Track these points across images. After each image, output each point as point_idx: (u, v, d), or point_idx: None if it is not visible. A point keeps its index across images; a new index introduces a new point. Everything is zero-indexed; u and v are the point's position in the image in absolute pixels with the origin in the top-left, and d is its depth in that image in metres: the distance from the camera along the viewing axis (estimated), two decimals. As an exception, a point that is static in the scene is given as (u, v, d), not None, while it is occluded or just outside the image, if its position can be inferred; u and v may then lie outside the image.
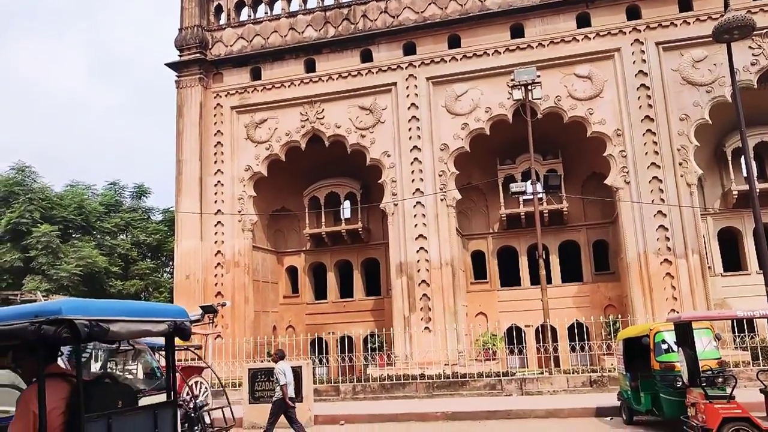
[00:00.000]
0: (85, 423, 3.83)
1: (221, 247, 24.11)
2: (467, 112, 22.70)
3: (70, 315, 3.77)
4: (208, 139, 24.96)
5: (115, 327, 4.08)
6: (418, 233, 22.37)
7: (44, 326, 3.69)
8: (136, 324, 4.36)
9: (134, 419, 4.39)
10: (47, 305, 4.02)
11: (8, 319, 3.91)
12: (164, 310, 4.81)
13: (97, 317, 3.96)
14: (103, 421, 3.99)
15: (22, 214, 27.99)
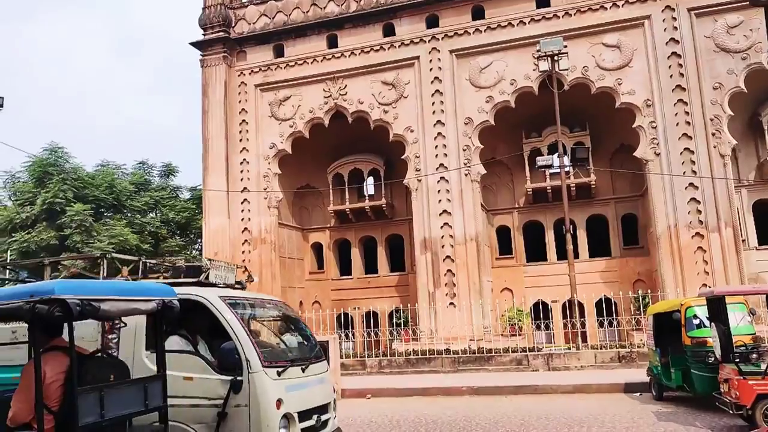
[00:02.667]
0: (78, 395, 4.07)
1: (248, 225, 24.36)
2: (492, 85, 22.31)
3: (62, 295, 3.98)
4: (233, 118, 25.06)
5: (105, 306, 4.30)
6: (442, 209, 22.24)
7: (38, 305, 3.93)
8: (125, 302, 4.63)
9: (125, 392, 4.65)
10: (41, 286, 4.27)
11: (5, 298, 4.16)
12: (153, 289, 5.09)
13: (88, 296, 4.18)
14: (95, 394, 4.23)
15: (57, 194, 28.60)
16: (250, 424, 5.28)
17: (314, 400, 5.98)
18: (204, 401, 5.43)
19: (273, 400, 5.39)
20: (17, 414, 4.20)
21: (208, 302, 5.84)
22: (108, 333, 5.61)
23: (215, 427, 5.30)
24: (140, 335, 5.79)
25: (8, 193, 31.70)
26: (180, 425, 5.38)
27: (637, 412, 10.10)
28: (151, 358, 5.65)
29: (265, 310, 6.80)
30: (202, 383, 5.50)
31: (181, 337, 5.85)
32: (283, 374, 5.63)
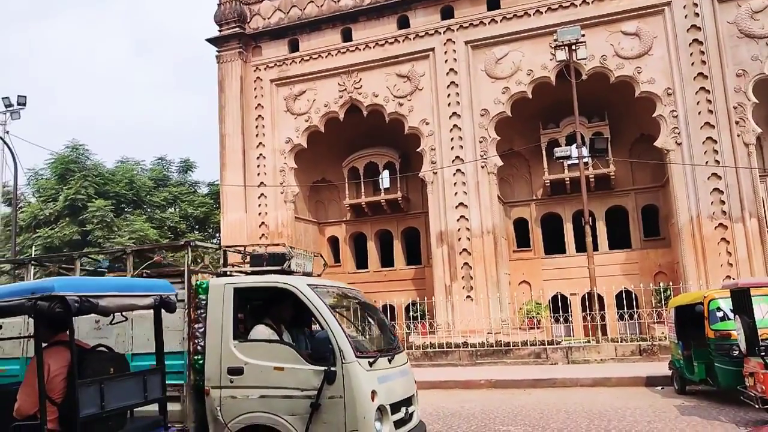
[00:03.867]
0: (79, 387, 4.20)
1: (265, 219, 24.45)
2: (508, 76, 22.06)
3: (61, 292, 4.10)
4: (249, 113, 25.14)
5: (103, 302, 4.42)
6: (459, 201, 22.08)
7: (39, 302, 4.07)
8: (123, 298, 4.74)
9: (125, 384, 4.77)
10: (42, 283, 4.37)
11: (7, 296, 4.30)
12: (151, 285, 5.19)
13: (86, 293, 4.29)
14: (95, 386, 4.36)
15: (78, 191, 29.01)
16: (345, 417, 5.17)
17: (401, 392, 5.85)
18: (296, 392, 5.33)
19: (368, 391, 5.26)
20: (23, 406, 4.35)
21: (297, 290, 5.72)
22: (193, 323, 5.68)
23: (308, 419, 5.21)
24: (227, 325, 5.72)
25: (32, 189, 32.22)
26: (272, 416, 5.34)
27: (659, 406, 9.93)
28: (239, 347, 5.62)
29: (346, 299, 6.68)
30: (293, 373, 5.38)
31: (267, 327, 5.78)
32: (374, 365, 5.49)
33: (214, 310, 5.78)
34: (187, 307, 5.81)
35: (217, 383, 5.63)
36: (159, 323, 5.20)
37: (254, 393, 5.45)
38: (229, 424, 5.48)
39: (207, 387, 5.66)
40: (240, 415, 5.43)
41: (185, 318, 5.77)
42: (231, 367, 5.59)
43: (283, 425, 5.29)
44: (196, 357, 5.75)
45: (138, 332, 5.93)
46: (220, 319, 5.74)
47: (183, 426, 5.60)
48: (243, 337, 5.72)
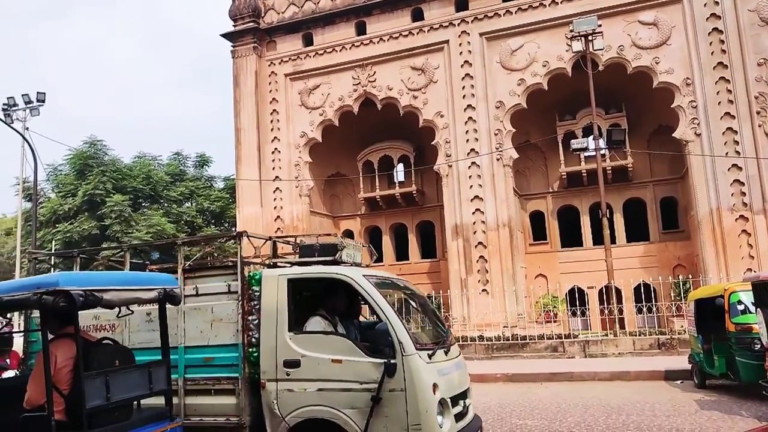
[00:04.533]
0: (85, 379, 4.28)
1: (280, 213, 24.55)
2: (523, 67, 21.87)
3: (66, 286, 4.17)
4: (264, 107, 25.21)
5: (107, 296, 4.48)
6: (474, 194, 21.98)
7: (44, 297, 4.13)
8: (127, 292, 4.79)
9: (130, 376, 4.84)
10: (47, 278, 4.45)
11: (14, 290, 4.39)
12: (154, 279, 5.26)
13: (91, 287, 4.36)
14: (101, 378, 4.44)
15: (97, 186, 29.38)
16: (407, 410, 5.00)
17: (458, 385, 5.69)
18: (356, 385, 5.16)
19: (429, 384, 5.09)
20: (31, 396, 4.45)
21: (353, 281, 5.55)
22: (247, 314, 5.62)
23: (369, 413, 5.05)
24: (282, 317, 5.60)
25: (51, 185, 32.67)
26: (331, 410, 5.21)
27: (679, 401, 9.81)
28: (295, 339, 5.49)
29: (398, 290, 6.47)
30: (352, 366, 5.22)
31: (322, 318, 5.65)
32: (432, 357, 5.33)
33: (268, 302, 5.68)
34: (241, 298, 5.72)
35: (273, 376, 5.51)
36: (164, 316, 5.26)
37: (312, 386, 5.33)
38: (286, 418, 5.37)
39: (263, 380, 5.54)
40: (297, 408, 5.33)
41: (239, 310, 5.69)
42: (287, 359, 5.47)
43: (342, 419, 5.15)
44: (250, 349, 5.65)
45: (190, 325, 5.89)
46: (274, 310, 5.63)
47: (239, 420, 5.52)
48: (298, 329, 5.58)
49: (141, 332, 6.05)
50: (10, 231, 37.57)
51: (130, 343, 5.99)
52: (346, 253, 6.12)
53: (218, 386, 5.71)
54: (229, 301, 5.77)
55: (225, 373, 5.67)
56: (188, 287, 5.98)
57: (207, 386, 5.75)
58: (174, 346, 5.69)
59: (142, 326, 6.06)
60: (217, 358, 5.74)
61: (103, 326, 6.14)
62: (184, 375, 5.83)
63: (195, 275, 6.07)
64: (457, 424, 5.42)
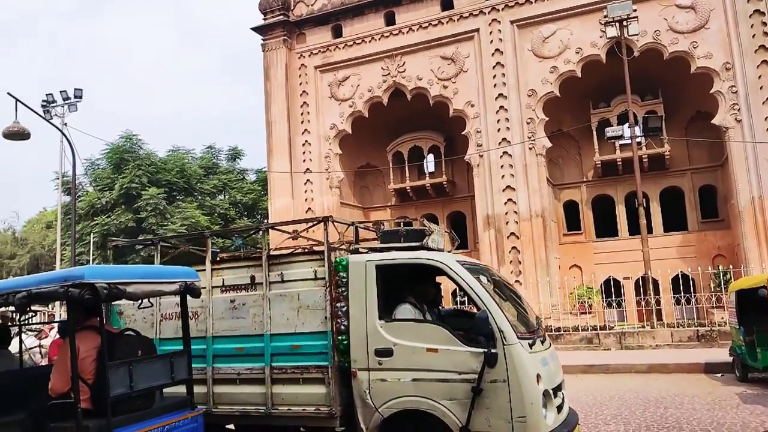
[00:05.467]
0: (109, 369, 4.44)
1: (311, 204, 24.69)
2: (556, 55, 21.47)
3: (91, 279, 4.36)
4: (295, 100, 25.33)
5: (131, 288, 4.64)
6: (506, 184, 21.73)
7: (71, 289, 4.32)
8: (150, 285, 4.94)
9: (152, 366, 5.00)
10: (73, 271, 4.63)
11: (43, 283, 4.58)
12: (176, 273, 5.34)
13: (115, 280, 4.53)
14: (124, 368, 4.60)
15: (133, 179, 30.05)
16: (510, 402, 4.79)
17: (556, 376, 5.52)
18: (454, 375, 4.97)
19: (533, 375, 4.90)
20: (55, 385, 4.63)
21: (447, 267, 5.36)
22: (335, 301, 5.49)
23: (470, 405, 4.85)
24: (371, 304, 5.41)
25: (89, 179, 33.49)
26: (428, 401, 5.03)
27: (719, 394, 9.57)
28: (386, 327, 5.31)
29: (488, 277, 6.23)
30: (449, 355, 5.03)
31: (412, 306, 5.49)
32: (533, 347, 5.15)
33: (356, 289, 5.51)
34: (329, 285, 5.57)
35: (364, 365, 5.34)
36: (185, 309, 5.37)
37: (406, 376, 5.15)
38: (380, 408, 5.21)
39: (354, 369, 5.38)
40: (392, 399, 5.17)
41: (327, 296, 5.54)
42: (379, 348, 5.29)
43: (441, 410, 4.97)
44: (339, 337, 5.48)
45: (276, 312, 5.79)
46: (363, 297, 5.46)
47: (329, 410, 5.38)
48: (388, 317, 5.39)
49: (225, 320, 6.02)
50: (51, 224, 38.72)
51: (213, 330, 6.00)
52: (431, 238, 5.92)
53: (307, 375, 5.57)
54: (316, 288, 5.65)
55: (314, 362, 5.54)
56: (273, 274, 5.88)
57: (295, 375, 5.63)
58: (260, 333, 5.73)
59: (226, 314, 6.02)
60: (304, 346, 5.62)
61: None
62: (270, 363, 5.72)
63: (279, 262, 5.95)
64: (558, 416, 5.19)
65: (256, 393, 5.73)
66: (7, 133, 17.87)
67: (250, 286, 5.94)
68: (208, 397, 5.86)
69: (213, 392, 5.89)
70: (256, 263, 6.00)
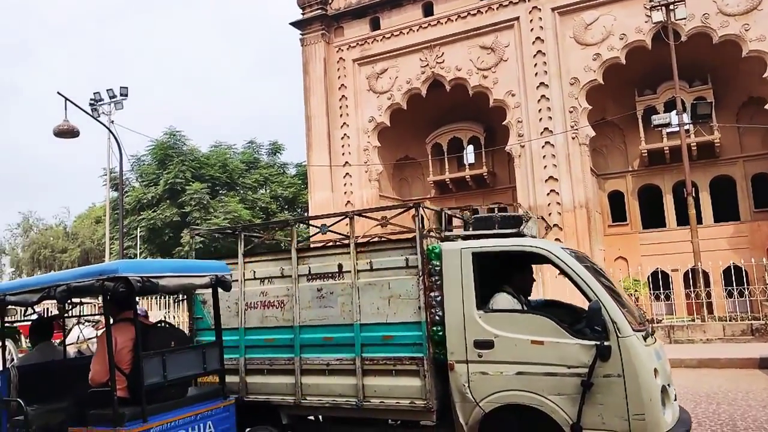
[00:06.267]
0: (143, 359, 4.63)
1: (350, 198, 24.78)
2: (599, 41, 20.92)
3: (125, 273, 4.52)
4: (333, 94, 25.42)
5: (163, 281, 4.79)
6: (548, 175, 21.35)
7: (106, 283, 4.50)
8: (181, 278, 5.07)
9: (185, 356, 5.16)
10: (108, 265, 4.83)
11: (81, 277, 4.77)
12: (207, 266, 5.46)
13: (148, 274, 4.69)
14: (158, 358, 4.77)
15: (177, 175, 30.77)
16: (626, 398, 4.51)
17: (669, 371, 5.25)
18: (562, 369, 4.70)
19: (651, 369, 4.61)
20: (95, 375, 4.83)
21: (553, 255, 5.11)
22: (428, 291, 5.26)
23: (580, 400, 4.60)
24: (468, 294, 5.17)
25: (135, 175, 34.44)
26: (534, 395, 4.78)
27: (775, 390, 9.23)
28: (486, 318, 5.07)
29: (590, 266, 5.79)
30: (556, 348, 4.76)
31: (510, 295, 5.26)
32: (646, 340, 4.87)
33: (450, 278, 5.25)
34: (421, 274, 5.29)
35: (462, 357, 5.10)
36: (217, 302, 5.49)
37: (509, 369, 4.89)
38: (480, 403, 4.98)
39: (451, 361, 5.13)
40: (493, 393, 4.94)
41: (420, 285, 5.28)
42: (478, 339, 5.04)
43: (549, 406, 4.72)
44: (434, 328, 5.23)
45: (366, 301, 5.52)
46: (459, 287, 5.21)
47: (426, 403, 5.14)
48: (486, 307, 5.15)
49: (312, 309, 5.82)
50: (100, 219, 40.02)
51: (300, 320, 5.84)
52: (527, 225, 5.64)
53: (400, 366, 5.31)
54: (408, 277, 5.36)
55: (407, 353, 5.29)
56: (361, 262, 5.63)
57: (387, 366, 5.37)
58: (349, 322, 5.57)
59: (313, 303, 5.81)
60: (397, 337, 5.37)
61: (272, 303, 6.01)
62: (361, 354, 5.48)
63: (368, 249, 5.71)
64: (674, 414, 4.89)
65: (347, 384, 5.53)
66: (58, 131, 18.54)
67: (337, 275, 5.73)
68: (296, 389, 5.73)
69: (301, 383, 5.72)
70: (344, 251, 5.78)
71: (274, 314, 5.97)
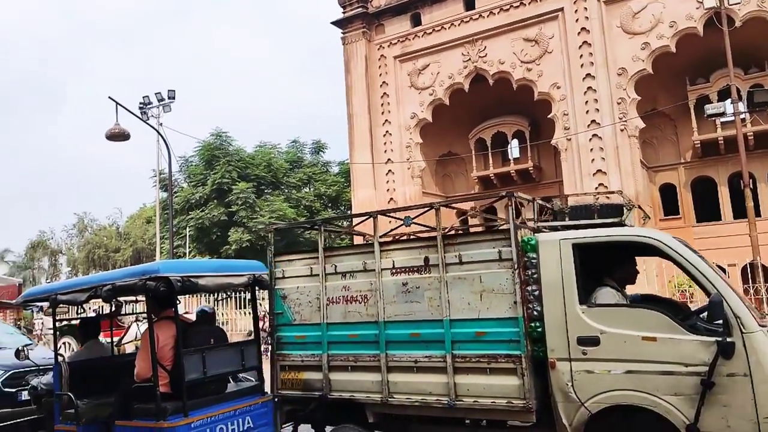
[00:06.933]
0: (184, 356, 4.84)
1: (393, 195, 24.75)
2: (647, 30, 20.22)
3: (166, 273, 4.76)
4: (375, 91, 25.43)
5: (202, 281, 5.00)
6: (596, 168, 20.77)
7: (148, 282, 4.73)
8: (220, 278, 5.28)
9: (224, 353, 5.37)
10: (150, 266, 5.14)
11: (125, 277, 5.03)
12: (245, 266, 5.68)
13: (187, 273, 4.90)
14: (198, 355, 4.97)
15: (223, 175, 31.43)
16: (755, 400, 4.19)
17: None
18: (679, 368, 4.41)
19: None
20: (140, 371, 5.05)
21: (665, 246, 4.79)
22: (525, 285, 5.00)
23: (698, 401, 4.33)
24: (569, 288, 4.90)
25: (183, 176, 35.36)
26: (647, 396, 4.51)
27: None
28: (589, 313, 4.79)
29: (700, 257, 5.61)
30: (671, 345, 4.48)
31: (614, 290, 5.01)
32: None
33: (549, 271, 4.98)
34: (517, 266, 5.02)
35: (564, 355, 4.84)
36: (254, 300, 5.73)
37: (617, 367, 4.62)
38: (586, 403, 4.70)
39: (552, 359, 4.88)
40: (600, 393, 4.69)
41: (515, 279, 5.00)
42: (582, 336, 4.76)
43: (663, 407, 4.44)
44: (532, 324, 4.97)
45: (455, 296, 5.26)
46: (558, 280, 4.94)
47: (525, 403, 4.87)
48: (589, 302, 4.89)
49: (398, 304, 5.54)
50: (150, 219, 41.27)
51: (385, 315, 5.56)
52: (629, 215, 5.35)
53: (495, 365, 5.05)
54: (501, 270, 5.08)
55: (503, 350, 5.02)
56: (449, 255, 5.35)
57: (481, 364, 5.12)
58: (437, 318, 5.30)
59: (398, 297, 5.54)
60: (490, 333, 5.09)
61: (354, 297, 5.79)
62: (451, 351, 5.20)
63: (457, 242, 5.41)
64: None
65: (437, 383, 5.28)
66: (110, 134, 19.15)
67: (423, 268, 5.46)
68: (382, 386, 5.49)
69: (388, 380, 5.48)
70: (430, 243, 5.50)
71: (357, 309, 5.75)
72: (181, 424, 4.66)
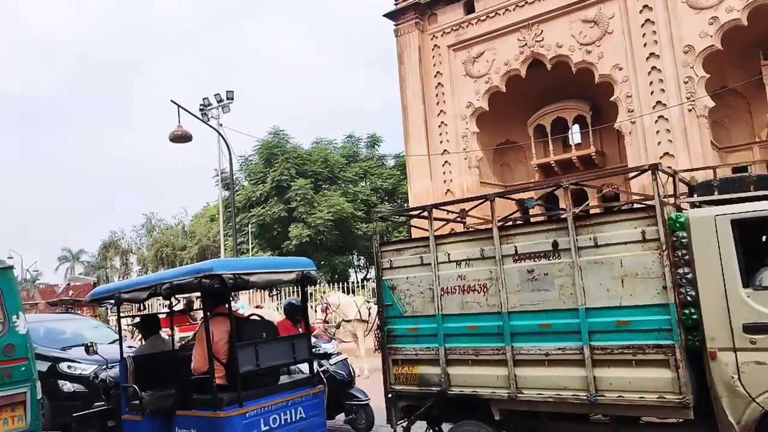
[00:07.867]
0: (238, 349, 5.08)
1: (450, 186, 24.48)
2: (715, 4, 19.07)
3: (219, 271, 4.99)
4: (429, 82, 25.21)
5: (253, 278, 5.25)
6: (663, 151, 19.82)
7: (203, 280, 4.99)
8: (270, 275, 5.48)
9: (276, 347, 5.61)
10: (204, 264, 5.30)
11: (182, 275, 5.32)
12: (294, 263, 5.93)
13: (239, 271, 5.12)
14: (251, 348, 5.21)
15: (282, 172, 32.09)
16: None
17: None
18: None
19: None
20: (197, 365, 5.29)
21: None
22: (674, 267, 4.65)
23: None
24: (730, 269, 4.50)
25: (244, 174, 36.27)
26: None
27: None
28: (755, 297, 4.38)
29: None
30: None
31: None
32: None
33: (704, 251, 4.56)
34: (666, 247, 4.60)
35: (727, 344, 4.44)
36: (304, 295, 6.01)
37: None
38: (757, 398, 4.31)
39: (712, 349, 4.50)
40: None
41: (664, 262, 4.59)
42: (748, 323, 4.35)
43: None
44: (685, 311, 4.59)
45: (591, 282, 4.90)
46: (716, 261, 4.52)
47: (681, 398, 4.51)
48: (756, 285, 4.46)
49: (523, 293, 5.24)
50: (214, 217, 42.56)
51: (509, 305, 5.29)
52: None
53: (642, 356, 4.67)
54: (645, 252, 4.69)
55: (650, 340, 4.64)
56: (582, 238, 4.98)
57: (625, 356, 4.75)
58: (571, 307, 4.99)
59: (523, 286, 5.24)
60: (635, 322, 4.71)
61: (472, 287, 5.52)
62: (589, 342, 4.88)
63: (590, 223, 5.02)
64: None
65: (573, 377, 4.95)
66: (173, 136, 19.84)
67: (551, 254, 5.10)
68: (509, 381, 5.21)
69: (515, 375, 5.19)
70: (559, 226, 5.14)
71: (476, 299, 5.47)
72: (237, 414, 4.88)
